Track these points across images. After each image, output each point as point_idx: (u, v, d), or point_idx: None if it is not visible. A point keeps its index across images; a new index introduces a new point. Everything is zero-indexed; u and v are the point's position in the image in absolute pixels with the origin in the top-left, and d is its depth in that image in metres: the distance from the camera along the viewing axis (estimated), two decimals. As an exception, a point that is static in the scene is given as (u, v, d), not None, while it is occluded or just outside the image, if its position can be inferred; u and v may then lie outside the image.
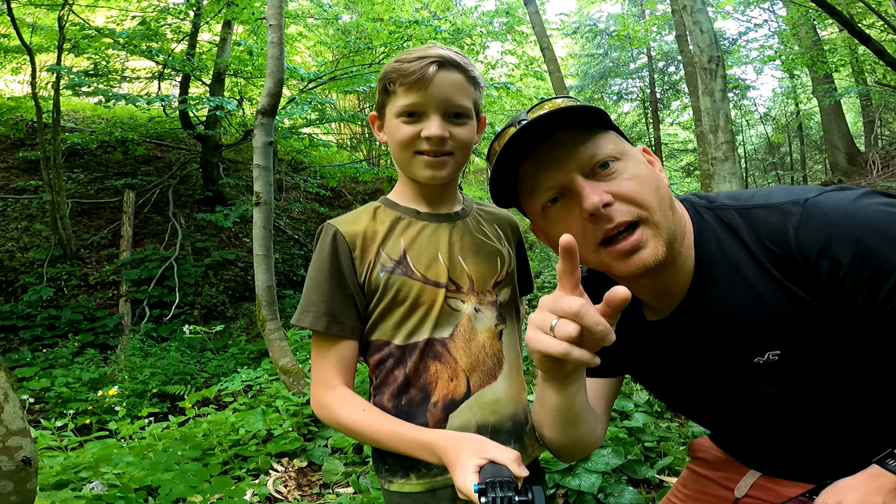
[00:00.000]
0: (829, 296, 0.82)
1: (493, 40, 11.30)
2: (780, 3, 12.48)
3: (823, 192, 0.86)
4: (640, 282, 0.94)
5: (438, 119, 1.04)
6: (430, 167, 1.06)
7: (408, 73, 1.02)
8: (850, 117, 15.56)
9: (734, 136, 5.72)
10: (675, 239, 0.89)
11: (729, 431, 1.13)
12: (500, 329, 1.10)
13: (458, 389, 1.04)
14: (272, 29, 4.11)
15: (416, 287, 1.05)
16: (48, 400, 4.80)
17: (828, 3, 4.75)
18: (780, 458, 1.06)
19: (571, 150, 0.88)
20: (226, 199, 9.04)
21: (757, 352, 0.90)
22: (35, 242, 7.49)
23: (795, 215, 0.84)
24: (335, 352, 1.05)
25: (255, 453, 2.84)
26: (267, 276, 3.93)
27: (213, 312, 7.60)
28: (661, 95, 16.69)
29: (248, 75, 9.49)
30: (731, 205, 0.93)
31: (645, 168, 0.91)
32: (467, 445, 0.88)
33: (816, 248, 0.81)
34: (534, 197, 0.93)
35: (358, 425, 1.00)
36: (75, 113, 11.18)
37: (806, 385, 0.90)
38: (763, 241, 0.86)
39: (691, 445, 1.31)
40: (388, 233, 1.09)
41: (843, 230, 0.79)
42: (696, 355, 0.98)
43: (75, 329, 6.52)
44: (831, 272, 0.80)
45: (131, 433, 3.04)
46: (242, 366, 5.56)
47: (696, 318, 0.94)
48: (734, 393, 0.97)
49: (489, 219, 1.20)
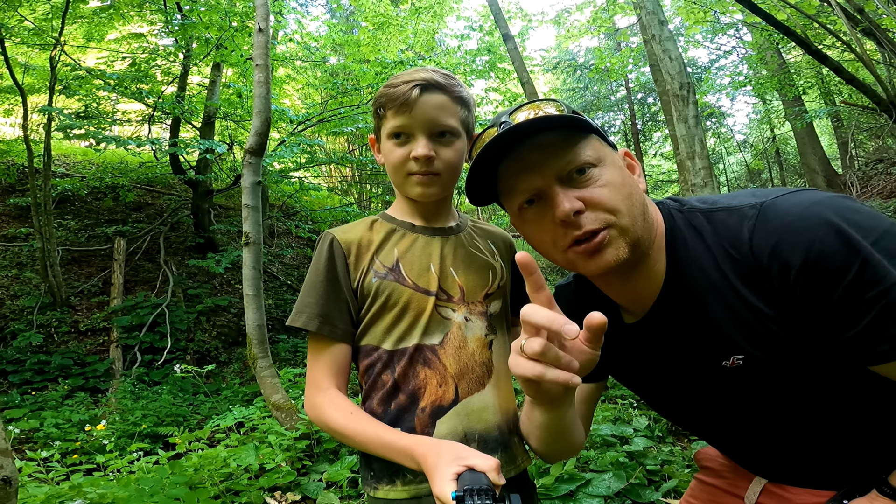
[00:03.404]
0: (784, 300, 0.82)
1: (478, 78, 11.60)
2: (745, 29, 12.95)
3: (785, 193, 0.85)
4: (611, 283, 0.97)
5: (425, 140, 1.09)
6: (420, 185, 1.12)
7: (394, 98, 1.09)
8: (825, 140, 15.90)
9: (711, 162, 5.88)
10: (642, 243, 0.90)
11: (714, 436, 1.12)
12: (490, 339, 1.12)
13: (446, 396, 1.06)
14: (258, 69, 4.19)
15: (407, 293, 1.09)
16: (37, 439, 4.73)
17: (783, 24, 4.96)
18: (775, 463, 1.04)
19: (550, 155, 0.90)
20: (217, 246, 9.06)
21: (723, 355, 0.90)
22: (25, 290, 7.47)
23: (751, 218, 0.84)
24: (328, 354, 1.09)
25: (247, 487, 2.82)
26: (257, 315, 3.93)
27: (205, 357, 7.54)
28: (643, 127, 17.07)
29: (237, 118, 9.60)
30: (699, 207, 0.94)
31: (620, 175, 0.92)
32: (446, 452, 0.88)
33: (768, 250, 0.81)
34: (511, 197, 0.96)
35: (344, 428, 1.02)
36: (66, 157, 11.27)
37: (775, 388, 0.90)
38: (724, 245, 0.87)
39: (697, 455, 1.30)
40: (382, 242, 1.14)
41: (796, 233, 0.78)
42: (670, 358, 0.99)
43: (65, 374, 6.46)
44: (782, 276, 0.80)
45: (119, 467, 2.99)
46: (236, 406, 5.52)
47: (667, 322, 0.96)
48: (709, 396, 0.98)
49: (483, 235, 1.25)
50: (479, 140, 0.98)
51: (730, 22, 12.14)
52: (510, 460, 1.08)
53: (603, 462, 2.57)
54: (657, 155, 19.18)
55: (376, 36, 10.61)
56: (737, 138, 18.12)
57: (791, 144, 15.70)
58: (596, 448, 2.81)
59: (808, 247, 0.76)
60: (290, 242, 10.61)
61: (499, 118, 0.95)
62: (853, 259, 0.74)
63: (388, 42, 10.97)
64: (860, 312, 0.75)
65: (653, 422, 3.12)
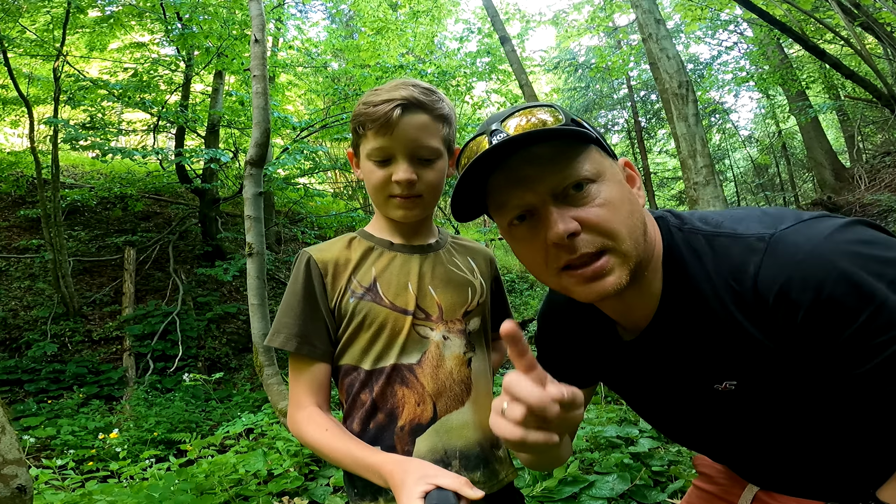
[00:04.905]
0: (786, 336, 0.78)
1: (478, 80, 11.62)
2: (745, 25, 12.89)
3: (797, 222, 0.80)
4: (605, 303, 0.94)
5: (406, 164, 1.06)
6: (401, 208, 1.10)
7: (374, 118, 1.04)
8: (831, 133, 15.77)
9: (713, 160, 5.87)
10: (642, 266, 0.86)
11: (706, 450, 1.10)
12: (469, 357, 1.11)
13: (424, 414, 1.05)
14: (256, 79, 4.22)
15: (383, 313, 1.08)
16: (54, 447, 4.83)
17: (780, 21, 4.96)
18: (767, 474, 1.02)
19: (545, 169, 0.83)
20: (225, 254, 9.14)
21: (714, 380, 0.88)
22: (38, 301, 7.60)
23: (759, 252, 0.79)
24: (307, 374, 1.09)
25: (255, 493, 2.89)
26: (262, 323, 3.95)
27: (216, 364, 7.64)
28: (646, 124, 16.96)
29: (241, 126, 9.63)
30: (701, 229, 0.89)
31: (620, 191, 0.86)
32: (412, 471, 0.88)
33: (775, 290, 0.76)
34: (501, 212, 0.90)
35: (319, 444, 1.02)
36: (74, 168, 11.42)
37: (767, 412, 0.88)
38: (725, 276, 0.82)
39: (694, 460, 1.28)
40: (360, 261, 1.13)
41: (806, 272, 0.74)
42: (663, 377, 0.97)
43: (80, 382, 6.58)
44: (788, 315, 0.76)
45: (132, 474, 3.07)
46: (246, 412, 5.60)
47: (661, 342, 0.93)
48: (701, 415, 0.96)
49: (463, 251, 1.23)
50: (468, 149, 0.91)
51: (728, 18, 12.09)
52: (492, 476, 1.08)
53: (607, 464, 2.54)
54: (662, 152, 19.08)
55: (376, 40, 10.63)
56: (742, 134, 17.98)
57: (797, 139, 15.54)
58: (600, 450, 2.79)
59: (818, 289, 0.73)
60: (297, 248, 10.68)
61: (488, 125, 0.87)
62: (865, 305, 0.71)
63: (387, 46, 10.99)
64: (869, 355, 0.72)
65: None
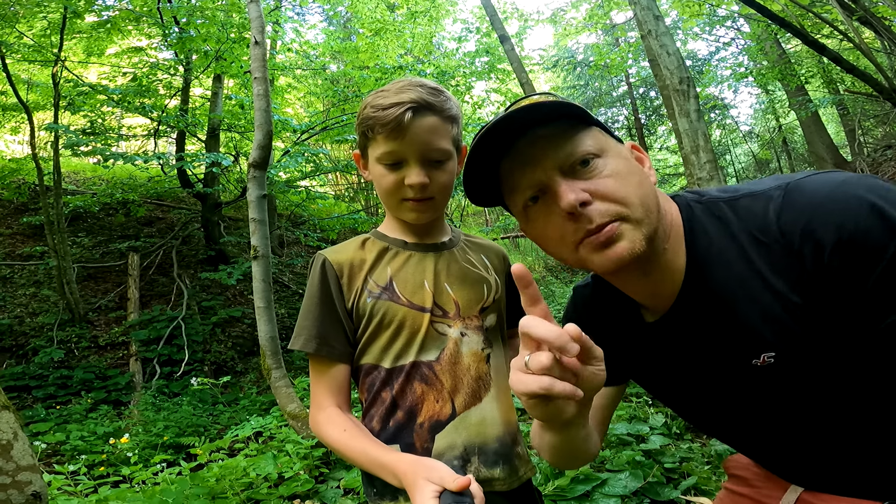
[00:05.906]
0: (816, 285, 0.76)
1: (478, 80, 11.61)
2: (743, 21, 12.87)
3: (812, 174, 0.80)
4: (628, 280, 0.92)
5: (418, 167, 1.06)
6: (414, 210, 1.11)
7: (385, 122, 1.03)
8: (832, 128, 15.76)
9: (716, 155, 5.87)
10: (658, 236, 0.85)
11: (743, 441, 1.03)
12: (487, 353, 1.12)
13: (443, 411, 1.06)
14: (257, 82, 4.20)
15: (402, 312, 1.09)
16: (64, 452, 4.84)
17: (779, 16, 4.96)
18: (812, 470, 0.94)
19: (549, 146, 0.85)
20: (228, 258, 9.15)
21: (752, 353, 0.83)
22: (43, 308, 7.61)
23: (777, 199, 0.79)
24: (327, 375, 1.11)
25: (266, 496, 2.90)
26: (269, 326, 3.97)
27: (222, 368, 7.65)
28: (646, 121, 16.99)
29: (241, 129, 9.63)
30: (720, 197, 0.88)
31: (627, 164, 0.87)
32: (424, 471, 0.89)
33: (799, 230, 0.75)
34: (514, 196, 0.91)
35: (337, 444, 1.04)
36: (76, 174, 11.44)
37: (810, 387, 0.83)
38: (751, 232, 0.81)
39: (726, 463, 1.22)
40: (375, 261, 1.14)
41: (827, 211, 0.73)
42: (695, 358, 0.92)
43: (87, 387, 6.60)
44: (815, 257, 0.74)
45: (144, 479, 3.08)
46: (254, 415, 5.61)
47: (691, 319, 0.90)
48: (738, 397, 0.91)
49: (476, 249, 1.24)
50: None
51: (726, 14, 12.07)
52: (512, 472, 1.08)
53: (619, 461, 2.54)
54: (662, 149, 19.08)
55: (374, 42, 10.63)
56: (742, 129, 17.98)
57: (798, 133, 15.57)
58: (612, 447, 2.79)
59: (841, 223, 0.71)
60: (300, 251, 10.69)
61: (494, 118, 0.89)
62: (891, 236, 0.68)
63: (386, 47, 10.96)
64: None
65: (670, 419, 3.06)
